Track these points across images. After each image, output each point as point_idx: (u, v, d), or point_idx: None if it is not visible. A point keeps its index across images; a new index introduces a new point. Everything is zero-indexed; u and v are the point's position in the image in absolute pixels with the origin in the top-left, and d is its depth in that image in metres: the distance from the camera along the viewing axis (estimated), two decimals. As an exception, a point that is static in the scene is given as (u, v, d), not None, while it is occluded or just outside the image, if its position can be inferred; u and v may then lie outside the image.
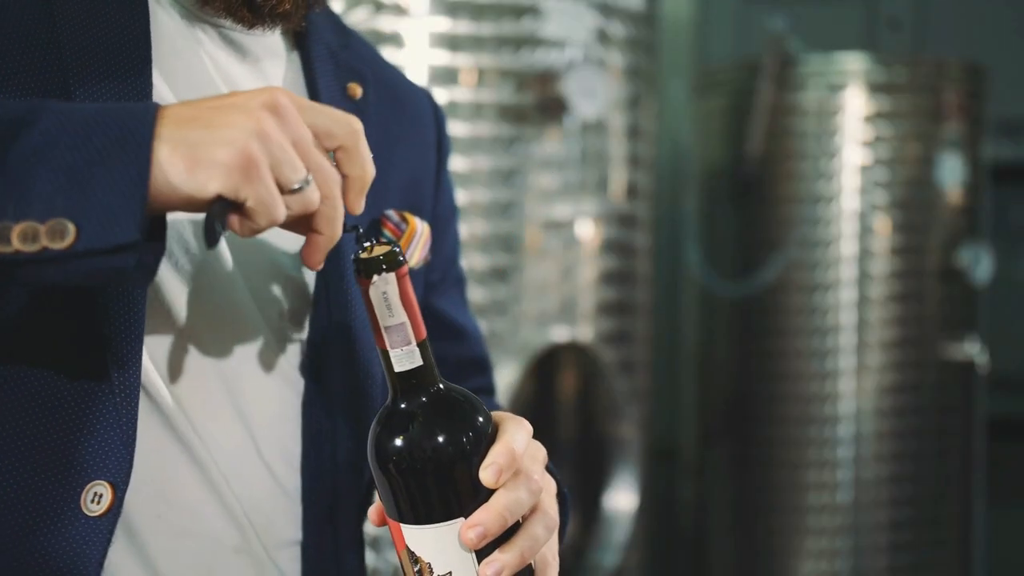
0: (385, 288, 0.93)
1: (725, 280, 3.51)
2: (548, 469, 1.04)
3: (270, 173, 0.86)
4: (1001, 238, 4.05)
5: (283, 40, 1.13)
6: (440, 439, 0.94)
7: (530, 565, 0.97)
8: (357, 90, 1.15)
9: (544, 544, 0.97)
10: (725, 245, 3.57)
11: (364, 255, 0.93)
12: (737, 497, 3.51)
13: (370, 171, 0.93)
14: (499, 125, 2.57)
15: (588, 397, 2.93)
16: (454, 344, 1.27)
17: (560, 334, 2.67)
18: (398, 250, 0.93)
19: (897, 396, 3.36)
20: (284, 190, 0.87)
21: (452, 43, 2.53)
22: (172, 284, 0.99)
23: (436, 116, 1.29)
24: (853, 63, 3.39)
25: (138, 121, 0.85)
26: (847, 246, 3.35)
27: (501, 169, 2.58)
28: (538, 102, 2.60)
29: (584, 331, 2.72)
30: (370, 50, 1.25)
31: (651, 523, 3.10)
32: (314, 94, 1.12)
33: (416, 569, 0.95)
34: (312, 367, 1.07)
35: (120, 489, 0.95)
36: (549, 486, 1.00)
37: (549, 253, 2.66)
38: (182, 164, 0.84)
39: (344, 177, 0.92)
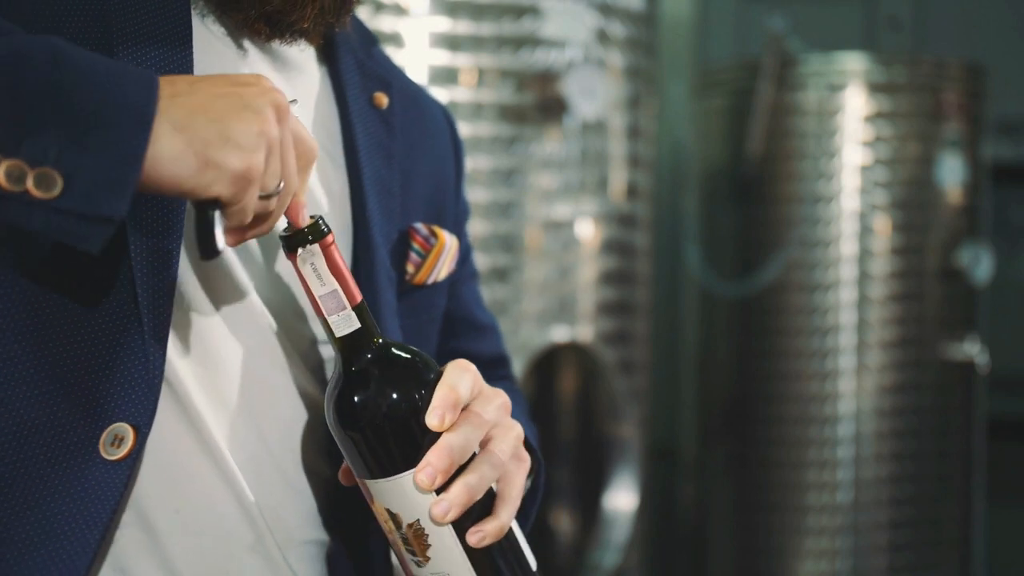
0: (312, 259, 0.96)
1: (725, 280, 3.51)
2: (516, 418, 1.06)
3: (261, 181, 0.88)
4: (1001, 238, 4.05)
5: (314, 52, 1.14)
6: (391, 394, 0.97)
7: (488, 500, 1.00)
8: (383, 99, 1.17)
9: (489, 482, 0.99)
10: (725, 245, 3.57)
11: (287, 232, 0.96)
12: (737, 497, 3.51)
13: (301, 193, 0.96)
14: (499, 125, 2.57)
15: (588, 397, 2.93)
16: (478, 341, 1.28)
17: (560, 334, 2.67)
18: (321, 221, 0.96)
19: (897, 396, 3.36)
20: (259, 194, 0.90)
21: (452, 43, 2.53)
22: (191, 283, 0.99)
23: (451, 126, 1.31)
24: (853, 63, 3.39)
25: (142, 93, 0.85)
26: (847, 246, 3.35)
27: (501, 169, 2.58)
28: (538, 102, 2.60)
29: (584, 331, 2.72)
30: (388, 58, 1.27)
31: (651, 523, 3.10)
32: (343, 104, 1.13)
33: (390, 521, 0.99)
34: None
35: (142, 432, 0.94)
36: (509, 428, 1.02)
37: (549, 253, 2.66)
38: (193, 161, 0.85)
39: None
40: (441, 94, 2.50)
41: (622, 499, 2.88)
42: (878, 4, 4.31)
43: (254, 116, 0.87)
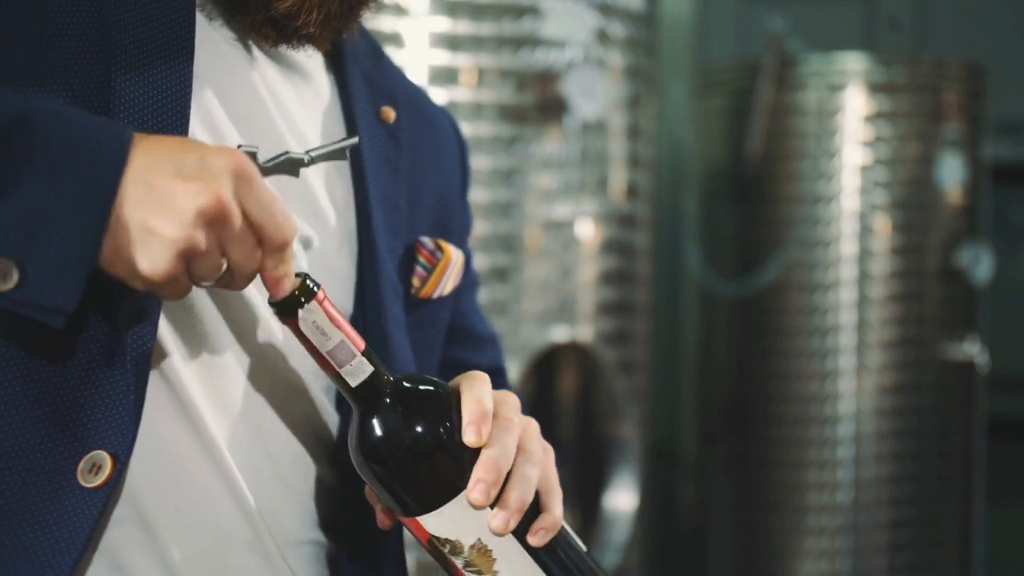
0: (313, 318, 0.94)
1: (725, 280, 3.51)
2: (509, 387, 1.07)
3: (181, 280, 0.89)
4: (1001, 238, 4.05)
5: (322, 60, 1.14)
6: (423, 427, 0.96)
7: (535, 502, 0.99)
8: (391, 114, 1.16)
9: (536, 481, 0.99)
10: (725, 245, 3.57)
11: (275, 301, 0.94)
12: (737, 497, 3.51)
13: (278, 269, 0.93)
14: (499, 125, 2.57)
15: (588, 397, 2.93)
16: (477, 353, 1.27)
17: (560, 334, 2.68)
18: (308, 279, 0.94)
19: (897, 396, 3.36)
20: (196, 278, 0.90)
21: (452, 43, 2.53)
22: (196, 289, 0.99)
23: (458, 137, 1.31)
24: (853, 63, 3.39)
25: (105, 168, 0.86)
26: (847, 246, 3.35)
27: (501, 169, 2.58)
28: (538, 102, 2.61)
29: (584, 331, 2.72)
30: (397, 69, 1.26)
31: (651, 523, 3.10)
32: (350, 117, 1.13)
33: (448, 549, 0.98)
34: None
35: (120, 461, 0.94)
36: (530, 423, 1.03)
37: (549, 253, 2.66)
38: (110, 255, 0.87)
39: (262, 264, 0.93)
40: (441, 94, 2.50)
41: (622, 499, 2.88)
42: (878, 4, 4.31)
43: (183, 221, 0.87)
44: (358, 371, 0.96)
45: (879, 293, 3.35)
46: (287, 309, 0.93)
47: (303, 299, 0.93)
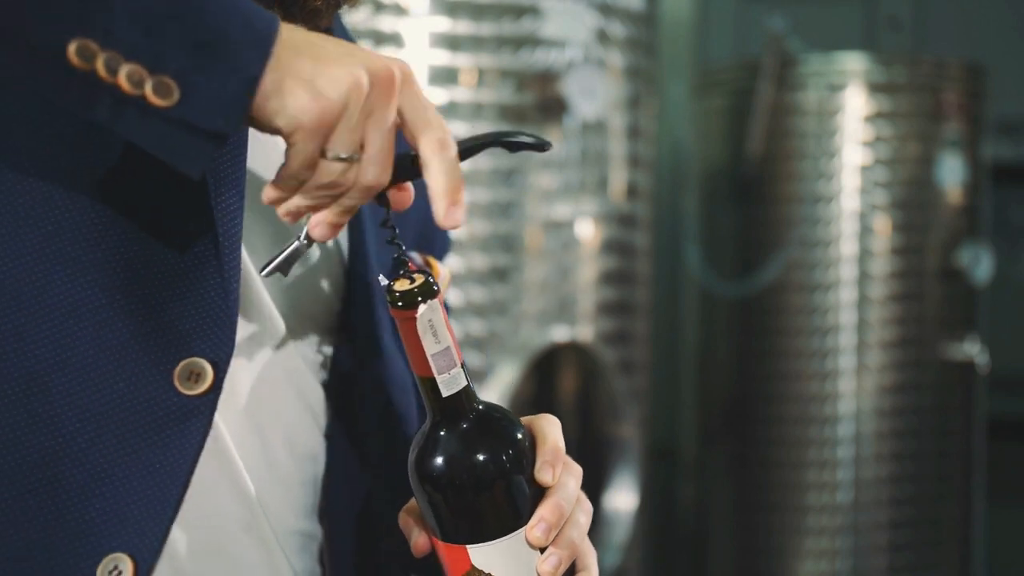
0: (432, 315, 0.91)
1: (725, 280, 3.51)
2: None
3: (325, 134, 0.85)
4: (1001, 238, 4.05)
5: None
6: (495, 456, 0.94)
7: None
8: None
9: (587, 528, 0.98)
10: (725, 245, 3.57)
11: (402, 286, 0.92)
12: (737, 497, 3.51)
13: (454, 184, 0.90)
14: (499, 125, 2.57)
15: (588, 397, 2.93)
16: None
17: (560, 334, 2.68)
18: (430, 275, 0.92)
19: (897, 396, 3.36)
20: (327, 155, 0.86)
21: (452, 43, 2.53)
22: None
23: None
24: (853, 63, 3.39)
25: (267, 25, 0.85)
26: (847, 246, 3.35)
27: (501, 169, 2.58)
28: (538, 102, 2.61)
29: (584, 331, 2.73)
30: None
31: (651, 523, 3.11)
32: None
33: None
34: (337, 391, 1.08)
35: (220, 370, 0.94)
36: (577, 472, 1.02)
37: (549, 253, 2.66)
38: (268, 85, 0.84)
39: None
40: (441, 94, 2.50)
41: (622, 499, 2.88)
42: (878, 4, 4.31)
43: (352, 70, 0.85)
44: (453, 382, 0.93)
45: (879, 293, 3.35)
46: (409, 302, 0.91)
47: (427, 295, 0.91)
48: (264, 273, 0.96)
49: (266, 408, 1.04)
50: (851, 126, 3.36)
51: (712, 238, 3.61)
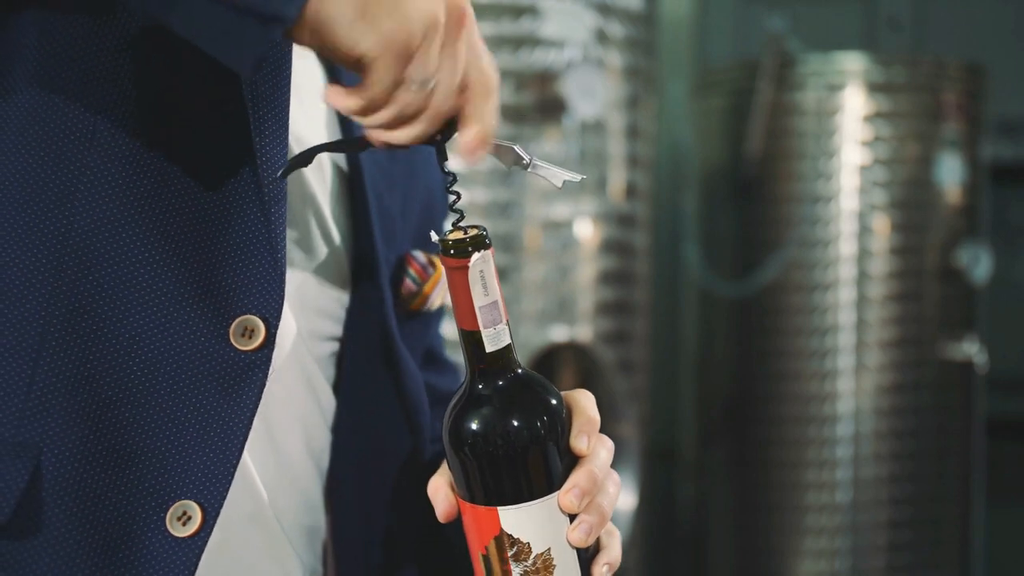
0: (483, 266, 0.91)
1: (724, 280, 3.51)
2: None
3: (410, 59, 0.87)
4: (1001, 238, 4.05)
5: (320, 66, 1.12)
6: (533, 418, 0.94)
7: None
8: None
9: (615, 501, 0.98)
10: (725, 245, 3.57)
11: (457, 236, 0.91)
12: (737, 497, 3.52)
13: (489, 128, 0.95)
14: (498, 125, 2.57)
15: (587, 397, 2.93)
16: (439, 376, 1.26)
17: (559, 334, 2.68)
18: (484, 230, 0.92)
19: (896, 396, 3.37)
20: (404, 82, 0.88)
21: (451, 43, 2.53)
22: None
23: None
24: (852, 63, 3.39)
25: None
26: (846, 246, 3.35)
27: (500, 169, 2.58)
28: (537, 102, 2.61)
29: (583, 331, 2.73)
30: None
31: (651, 523, 3.11)
32: (345, 124, 1.11)
33: (512, 553, 0.94)
34: (341, 378, 1.08)
35: (271, 329, 0.94)
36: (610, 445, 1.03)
37: (548, 253, 2.66)
38: (351, 10, 0.85)
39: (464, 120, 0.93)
40: (440, 94, 2.50)
41: (621, 499, 2.88)
42: (878, 4, 4.31)
43: (432, 2, 0.86)
44: (498, 338, 0.92)
45: (878, 293, 3.36)
46: (462, 250, 0.90)
47: (480, 246, 0.91)
48: (281, 173, 0.96)
49: (275, 402, 1.04)
50: (850, 126, 3.36)
51: (711, 238, 3.61)
